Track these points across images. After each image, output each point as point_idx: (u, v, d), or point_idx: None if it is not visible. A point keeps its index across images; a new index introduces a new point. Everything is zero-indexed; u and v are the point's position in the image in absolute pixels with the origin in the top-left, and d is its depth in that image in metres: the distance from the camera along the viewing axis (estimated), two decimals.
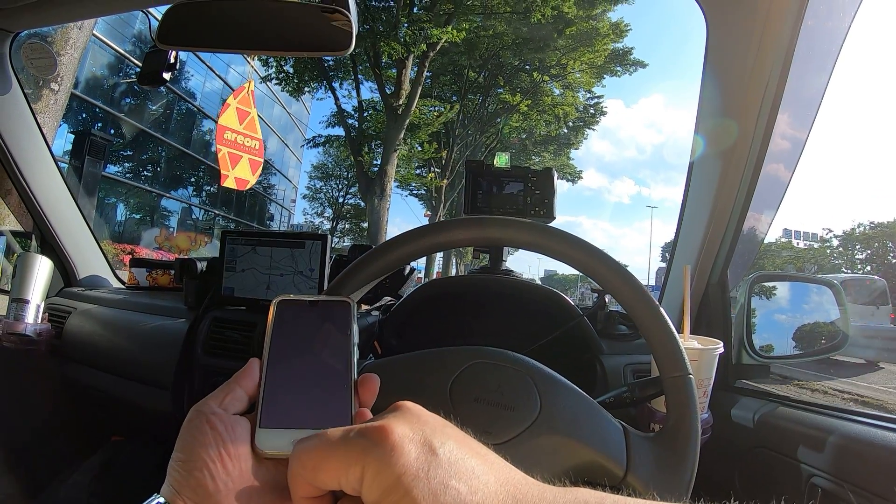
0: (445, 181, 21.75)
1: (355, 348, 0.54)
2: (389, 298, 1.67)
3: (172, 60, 1.50)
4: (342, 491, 0.39)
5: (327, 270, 1.61)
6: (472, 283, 1.44)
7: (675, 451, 0.67)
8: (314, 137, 25.02)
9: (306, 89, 19.93)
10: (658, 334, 0.70)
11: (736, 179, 1.35)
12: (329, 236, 1.64)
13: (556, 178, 1.45)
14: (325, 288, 0.79)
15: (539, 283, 1.53)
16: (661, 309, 0.71)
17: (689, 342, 1.04)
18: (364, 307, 1.64)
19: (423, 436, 0.38)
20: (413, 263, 1.80)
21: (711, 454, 0.92)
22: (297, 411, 0.49)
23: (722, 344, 1.04)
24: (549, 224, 1.20)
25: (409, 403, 0.43)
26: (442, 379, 0.71)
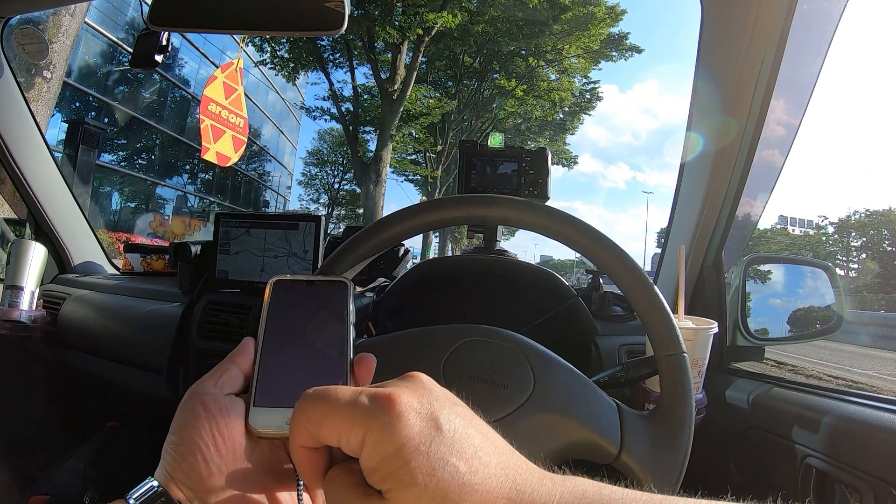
0: (440, 171, 21.77)
1: (352, 328, 0.53)
2: (383, 280, 1.67)
3: (164, 42, 1.49)
4: (340, 449, 0.39)
5: (321, 252, 1.60)
6: (466, 263, 1.44)
7: (670, 429, 0.67)
8: (315, 109, 24.85)
9: (301, 72, 19.87)
10: (653, 313, 0.70)
11: (730, 162, 1.35)
12: (323, 217, 1.63)
13: (550, 158, 1.45)
14: (318, 268, 0.79)
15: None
16: (656, 288, 0.70)
17: (683, 322, 1.04)
18: (358, 289, 1.64)
19: (429, 409, 0.38)
20: (410, 250, 1.81)
21: (706, 435, 0.93)
22: (292, 390, 0.48)
23: (717, 324, 1.04)
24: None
25: (421, 375, 0.42)
26: (435, 356, 0.71)
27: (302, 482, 0.47)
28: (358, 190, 23.49)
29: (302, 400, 0.40)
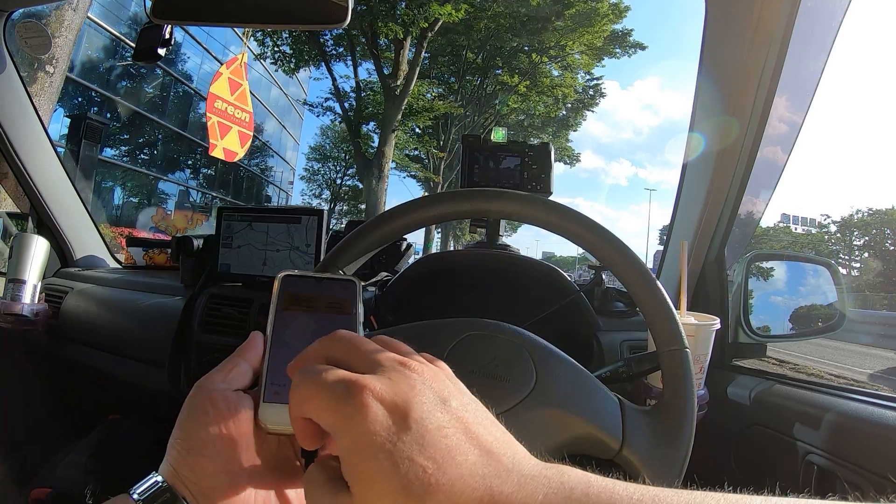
0: (441, 173, 21.79)
1: (361, 327, 0.53)
2: (386, 274, 1.67)
3: (167, 36, 1.48)
4: None
5: (324, 246, 1.60)
6: (468, 258, 1.43)
7: (671, 424, 0.66)
8: (317, 105, 24.84)
9: (302, 67, 19.89)
10: (655, 308, 0.70)
11: (733, 159, 1.34)
12: (325, 211, 1.63)
13: (553, 153, 1.44)
14: (320, 262, 0.79)
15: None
16: (659, 283, 0.70)
17: (685, 318, 1.04)
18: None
19: (404, 404, 0.36)
20: (413, 244, 1.81)
21: (707, 431, 0.92)
22: None
23: (719, 320, 1.04)
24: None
25: (413, 363, 0.41)
26: (437, 350, 0.70)
27: None
28: (360, 185, 23.52)
29: (298, 374, 0.40)
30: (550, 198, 1.40)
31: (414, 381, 0.39)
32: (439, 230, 24.02)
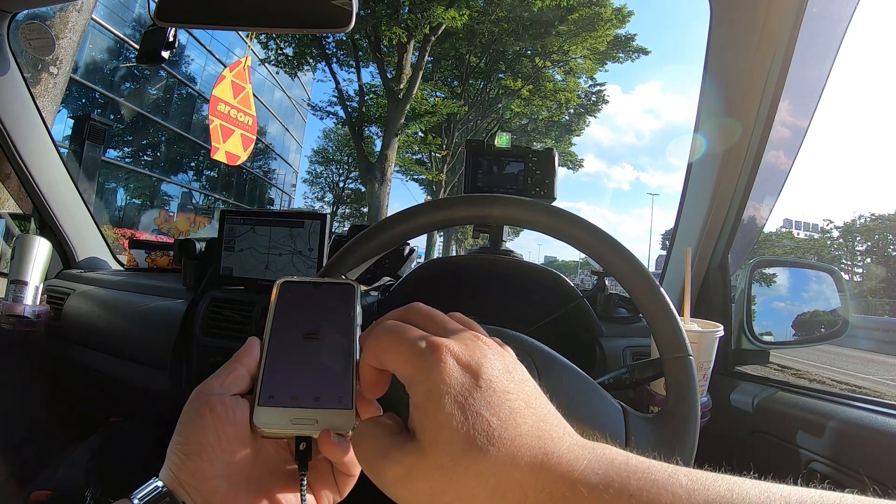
0: (444, 173, 21.79)
1: (358, 330, 0.53)
2: (388, 279, 1.67)
3: (171, 38, 1.48)
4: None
5: (326, 250, 1.60)
6: (471, 263, 1.43)
7: (675, 431, 0.66)
8: (320, 109, 24.86)
9: (306, 68, 19.94)
10: (659, 315, 0.69)
11: (738, 164, 1.34)
12: (328, 216, 1.63)
13: (556, 158, 1.44)
14: (322, 267, 0.78)
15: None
16: (663, 290, 0.70)
17: (689, 325, 1.04)
18: (363, 288, 1.63)
19: (477, 366, 0.41)
20: (416, 249, 1.81)
21: (710, 438, 0.92)
22: (298, 390, 0.48)
23: (722, 327, 1.04)
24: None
25: (485, 338, 0.46)
26: None
27: (305, 483, 0.47)
28: (363, 189, 23.53)
29: (378, 327, 0.46)
30: (554, 203, 1.40)
31: (485, 350, 0.44)
32: (441, 235, 24.03)
